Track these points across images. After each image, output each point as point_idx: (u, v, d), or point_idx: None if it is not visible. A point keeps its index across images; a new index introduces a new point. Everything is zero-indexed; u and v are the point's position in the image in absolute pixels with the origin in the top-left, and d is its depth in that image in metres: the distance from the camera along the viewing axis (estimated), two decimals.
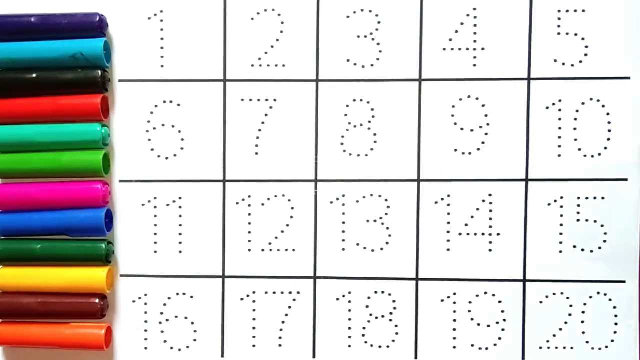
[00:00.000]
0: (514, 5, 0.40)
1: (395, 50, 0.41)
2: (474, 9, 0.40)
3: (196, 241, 0.42)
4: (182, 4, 0.41)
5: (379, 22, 0.41)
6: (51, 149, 0.40)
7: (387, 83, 0.41)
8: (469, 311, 0.41)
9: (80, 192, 0.40)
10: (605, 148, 0.40)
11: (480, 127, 0.41)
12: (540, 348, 0.41)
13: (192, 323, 0.42)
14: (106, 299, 0.41)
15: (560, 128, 0.40)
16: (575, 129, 0.40)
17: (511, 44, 0.40)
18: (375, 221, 0.41)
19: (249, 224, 0.41)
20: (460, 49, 0.40)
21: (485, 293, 0.41)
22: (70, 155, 0.40)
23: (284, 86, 0.41)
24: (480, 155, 0.41)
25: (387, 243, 0.41)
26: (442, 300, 0.41)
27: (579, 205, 0.40)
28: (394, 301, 0.41)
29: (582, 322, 0.41)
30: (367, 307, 0.41)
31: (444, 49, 0.40)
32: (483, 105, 0.41)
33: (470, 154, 0.41)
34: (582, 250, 0.41)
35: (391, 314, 0.41)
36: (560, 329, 0.41)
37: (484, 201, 0.41)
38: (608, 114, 0.40)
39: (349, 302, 0.42)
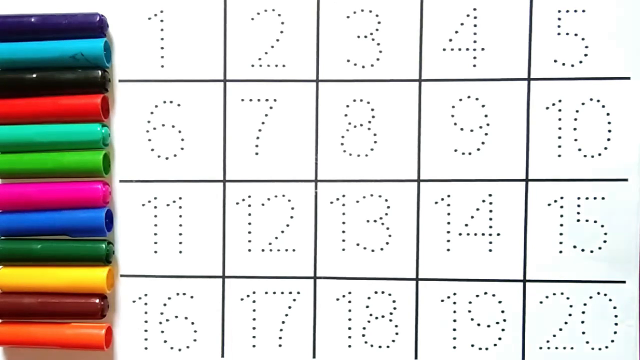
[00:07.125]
0: (514, 5, 0.40)
1: (395, 50, 0.41)
2: (474, 9, 0.40)
3: (196, 241, 0.42)
4: (182, 4, 0.41)
5: (379, 22, 0.41)
6: (51, 149, 0.40)
7: (387, 83, 0.41)
8: (469, 311, 0.41)
9: (80, 192, 0.40)
10: (605, 148, 0.40)
11: (480, 127, 0.41)
12: (540, 348, 0.41)
13: (192, 323, 0.42)
14: (106, 299, 0.41)
15: (560, 128, 0.40)
16: (575, 129, 0.40)
17: (511, 44, 0.40)
18: (375, 221, 0.41)
19: (249, 224, 0.41)
20: (460, 49, 0.40)
21: (485, 293, 0.41)
22: (70, 155, 0.40)
23: (284, 86, 0.41)
24: (480, 155, 0.41)
25: (387, 243, 0.41)
26: (442, 300, 0.41)
27: (579, 206, 0.40)
28: (394, 301, 0.41)
29: (582, 322, 0.41)
30: (367, 307, 0.41)
31: (444, 49, 0.40)
32: (483, 106, 0.41)
33: (470, 154, 0.41)
34: (582, 250, 0.41)
35: (391, 314, 0.41)
36: (560, 329, 0.41)
37: (484, 201, 0.41)
38: (608, 114, 0.40)
39: (349, 302, 0.42)
